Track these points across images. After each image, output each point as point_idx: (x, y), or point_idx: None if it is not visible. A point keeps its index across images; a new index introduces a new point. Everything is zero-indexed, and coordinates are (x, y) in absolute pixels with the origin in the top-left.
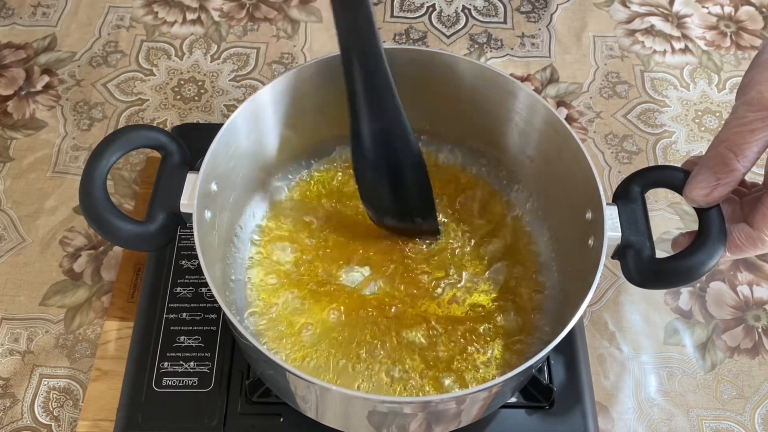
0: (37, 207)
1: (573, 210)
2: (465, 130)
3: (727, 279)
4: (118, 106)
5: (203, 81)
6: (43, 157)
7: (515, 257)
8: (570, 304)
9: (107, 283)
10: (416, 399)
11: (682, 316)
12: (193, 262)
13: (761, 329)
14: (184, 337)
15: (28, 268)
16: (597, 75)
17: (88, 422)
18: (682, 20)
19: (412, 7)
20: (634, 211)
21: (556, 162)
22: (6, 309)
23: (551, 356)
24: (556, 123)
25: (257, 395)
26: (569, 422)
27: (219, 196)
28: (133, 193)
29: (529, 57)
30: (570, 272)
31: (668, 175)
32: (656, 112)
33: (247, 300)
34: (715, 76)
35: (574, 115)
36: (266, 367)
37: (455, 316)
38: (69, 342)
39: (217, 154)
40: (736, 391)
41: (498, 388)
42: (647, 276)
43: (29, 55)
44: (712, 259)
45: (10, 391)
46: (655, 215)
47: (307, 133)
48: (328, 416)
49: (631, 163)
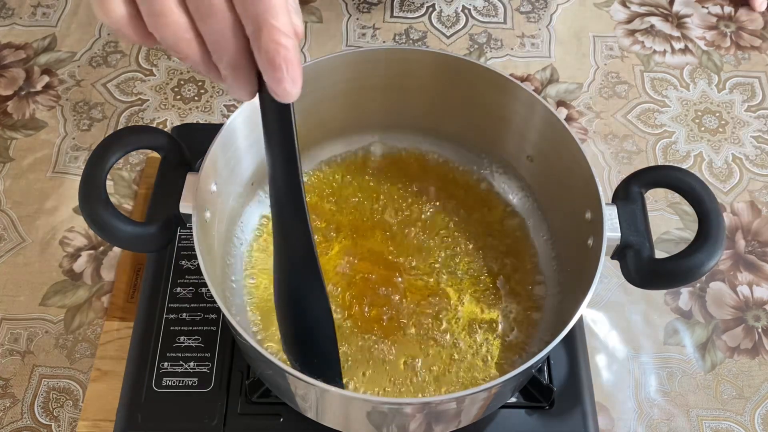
0: (37, 207)
1: (573, 210)
2: (464, 130)
3: (727, 279)
4: (118, 107)
5: (203, 81)
6: (43, 157)
7: (515, 257)
8: (570, 304)
9: (107, 284)
10: (416, 400)
11: (682, 316)
12: (193, 262)
13: (761, 329)
14: (184, 337)
15: (28, 268)
16: (597, 75)
17: (88, 422)
18: (682, 20)
19: (412, 7)
20: (634, 211)
21: (555, 162)
22: (6, 309)
23: (551, 356)
24: (555, 123)
25: (257, 395)
26: (569, 422)
27: (219, 196)
28: (133, 193)
29: (529, 57)
30: (570, 272)
31: (668, 175)
32: (656, 112)
33: (246, 300)
34: (715, 76)
35: (574, 115)
36: (266, 367)
37: (455, 316)
38: (69, 342)
39: (217, 154)
40: (736, 392)
41: (498, 388)
42: (647, 276)
43: (29, 55)
44: (712, 259)
45: (10, 391)
46: (654, 215)
47: (307, 133)
48: (327, 416)
49: (631, 163)
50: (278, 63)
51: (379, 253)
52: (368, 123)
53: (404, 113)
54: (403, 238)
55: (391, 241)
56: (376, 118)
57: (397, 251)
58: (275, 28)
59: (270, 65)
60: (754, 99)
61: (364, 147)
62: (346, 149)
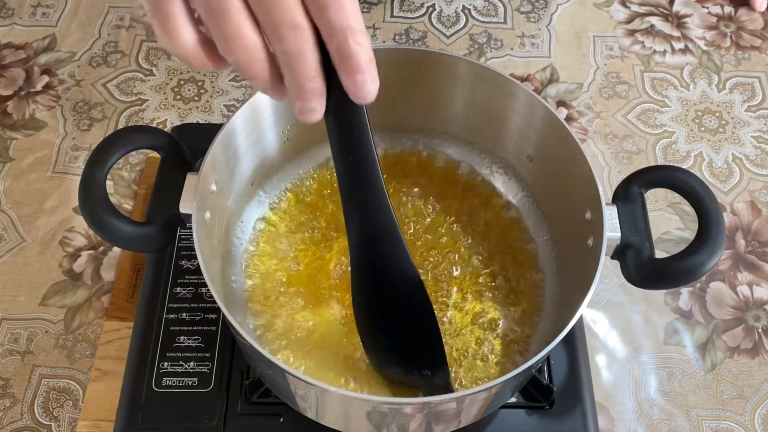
0: (37, 207)
1: (573, 210)
2: (464, 130)
3: (727, 279)
4: (118, 106)
5: (203, 81)
6: (43, 157)
7: (515, 257)
8: (570, 304)
9: (107, 284)
10: (416, 400)
11: (682, 316)
12: (192, 262)
13: (761, 329)
14: (184, 337)
15: (28, 268)
16: (597, 75)
17: (88, 422)
18: (682, 20)
19: (412, 7)
20: (634, 211)
21: (555, 162)
22: (6, 309)
23: (551, 356)
24: (555, 123)
25: (257, 395)
26: (569, 422)
27: (219, 196)
28: (133, 193)
29: (529, 57)
30: (570, 272)
31: (668, 175)
32: (656, 112)
33: (246, 300)
34: (715, 76)
35: (574, 115)
36: (265, 367)
37: (455, 316)
38: (69, 342)
39: (217, 154)
40: (736, 392)
41: (498, 388)
42: (647, 276)
43: (29, 55)
44: (712, 259)
45: (10, 391)
46: (654, 215)
47: (307, 133)
48: (327, 416)
49: (631, 163)
50: (362, 66)
51: None
52: None
53: (404, 113)
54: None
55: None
56: (376, 118)
57: None
58: (357, 31)
59: (356, 69)
60: (754, 99)
61: None
62: None
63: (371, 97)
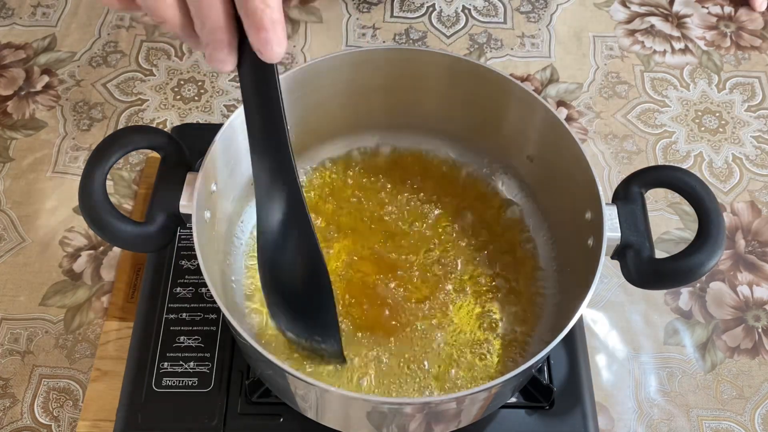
0: (37, 207)
1: (573, 210)
2: (464, 130)
3: (727, 279)
4: (118, 106)
5: (203, 81)
6: (43, 157)
7: (514, 257)
8: (570, 304)
9: (107, 284)
10: (416, 400)
11: (682, 316)
12: (192, 262)
13: (761, 329)
14: (184, 337)
15: (28, 269)
16: (597, 75)
17: (88, 422)
18: (682, 20)
19: (412, 7)
20: (634, 212)
21: (555, 162)
22: (6, 309)
23: (551, 356)
24: (555, 123)
25: (257, 395)
26: (569, 422)
27: (219, 196)
28: (133, 193)
29: (529, 57)
30: (569, 272)
31: (668, 175)
32: (656, 112)
33: (246, 300)
34: (715, 76)
35: (574, 115)
36: (266, 367)
37: (455, 316)
38: (69, 342)
39: (216, 154)
40: (736, 392)
41: (498, 388)
42: (647, 276)
43: (29, 55)
44: (712, 259)
45: (10, 391)
46: (654, 215)
47: (307, 133)
48: (327, 416)
49: (631, 163)
50: (266, 24)
51: (379, 253)
52: (368, 123)
53: (404, 113)
54: (403, 238)
55: (391, 241)
56: (376, 118)
57: (396, 251)
58: None
59: (259, 26)
60: (754, 99)
61: (364, 147)
62: (346, 149)
63: (276, 56)
